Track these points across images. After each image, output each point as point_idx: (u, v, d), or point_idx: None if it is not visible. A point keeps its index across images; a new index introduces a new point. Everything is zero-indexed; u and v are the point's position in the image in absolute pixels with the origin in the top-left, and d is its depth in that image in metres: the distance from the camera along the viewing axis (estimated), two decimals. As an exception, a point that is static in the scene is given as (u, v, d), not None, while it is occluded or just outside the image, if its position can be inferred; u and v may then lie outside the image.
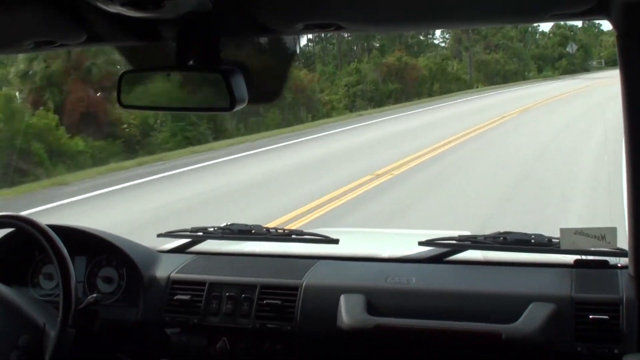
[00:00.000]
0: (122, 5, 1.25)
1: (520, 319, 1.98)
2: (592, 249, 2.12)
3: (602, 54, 57.35)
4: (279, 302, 2.25)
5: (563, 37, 49.97)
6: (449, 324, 2.04)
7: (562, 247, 2.11)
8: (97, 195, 10.09)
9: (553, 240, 2.21)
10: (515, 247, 2.26)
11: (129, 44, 1.70)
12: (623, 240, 1.99)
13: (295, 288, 2.27)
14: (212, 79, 1.47)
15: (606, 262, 2.18)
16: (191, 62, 1.50)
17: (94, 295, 2.29)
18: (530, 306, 2.01)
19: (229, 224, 2.61)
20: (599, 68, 51.83)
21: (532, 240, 2.24)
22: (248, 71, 1.49)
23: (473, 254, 2.38)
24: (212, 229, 2.60)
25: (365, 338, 2.11)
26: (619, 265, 2.15)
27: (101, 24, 1.48)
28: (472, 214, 7.66)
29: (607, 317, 1.95)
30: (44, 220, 2.18)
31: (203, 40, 1.48)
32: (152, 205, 9.00)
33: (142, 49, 1.68)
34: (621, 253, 2.09)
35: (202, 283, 2.35)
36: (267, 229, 2.58)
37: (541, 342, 1.96)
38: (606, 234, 2.05)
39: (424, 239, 2.36)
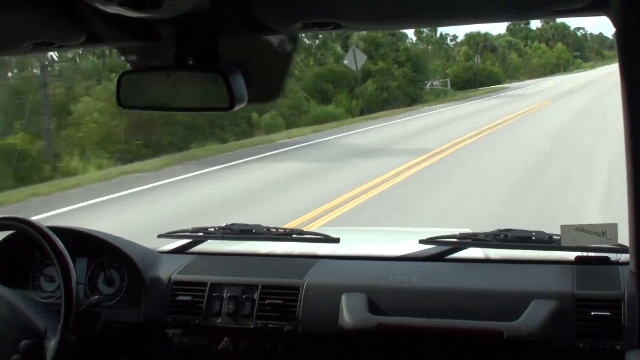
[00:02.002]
0: (121, 5, 1.25)
1: (522, 317, 1.98)
2: (593, 245, 2.12)
3: (448, 70, 41.82)
4: (280, 301, 2.25)
5: (373, 46, 30.51)
6: (451, 322, 2.04)
7: (563, 244, 2.11)
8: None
9: (554, 237, 2.20)
10: (516, 244, 2.26)
11: (128, 44, 1.70)
12: (624, 237, 1.99)
13: (297, 287, 2.26)
14: (211, 79, 1.47)
15: (607, 258, 2.18)
16: (190, 62, 1.50)
17: (96, 296, 2.29)
18: (531, 303, 2.01)
19: (229, 224, 2.61)
20: (442, 93, 35.26)
21: (533, 238, 2.24)
22: (247, 70, 1.49)
23: (474, 251, 2.38)
24: (212, 229, 2.60)
25: (367, 337, 2.11)
26: (620, 261, 2.15)
27: (100, 25, 1.48)
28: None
29: (608, 313, 1.95)
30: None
31: (202, 39, 1.48)
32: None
33: (141, 49, 1.68)
34: (622, 249, 2.09)
35: (203, 284, 2.35)
36: (268, 229, 2.58)
37: (543, 340, 1.96)
38: (607, 231, 2.05)
39: (424, 237, 2.36)
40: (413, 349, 2.11)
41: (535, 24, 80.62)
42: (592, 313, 1.96)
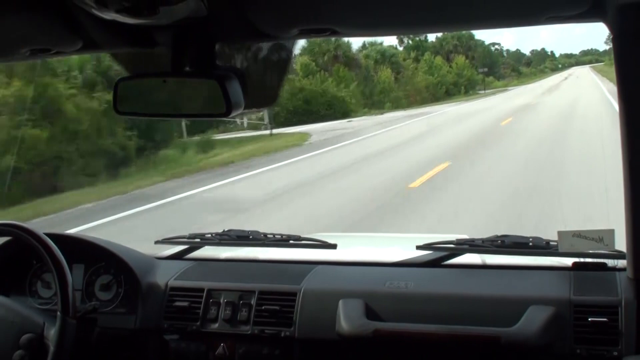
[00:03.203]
0: (118, 12, 1.25)
1: (519, 323, 1.98)
2: (590, 251, 2.12)
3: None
4: (277, 307, 2.25)
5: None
6: (448, 328, 2.04)
7: (560, 249, 2.11)
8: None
9: (551, 243, 2.20)
10: (513, 250, 2.26)
11: (125, 51, 1.70)
12: (621, 242, 1.99)
13: (294, 293, 2.26)
14: (208, 85, 1.47)
15: (604, 264, 2.18)
16: (187, 68, 1.50)
17: (92, 303, 2.29)
18: (528, 309, 2.00)
19: (226, 230, 2.61)
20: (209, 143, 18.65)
21: (530, 244, 2.24)
22: (244, 76, 1.49)
23: (471, 257, 2.37)
24: (209, 235, 2.60)
25: (364, 343, 2.11)
26: (617, 267, 2.15)
27: (97, 31, 1.48)
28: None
29: (606, 319, 1.95)
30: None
31: (198, 46, 1.48)
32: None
33: (137, 55, 1.68)
34: (619, 255, 2.09)
35: (200, 289, 2.35)
36: (265, 235, 2.58)
37: (540, 345, 1.95)
38: (604, 236, 2.04)
39: (421, 243, 2.36)
40: (410, 355, 2.11)
41: (434, 34, 61.85)
42: (590, 319, 1.96)
